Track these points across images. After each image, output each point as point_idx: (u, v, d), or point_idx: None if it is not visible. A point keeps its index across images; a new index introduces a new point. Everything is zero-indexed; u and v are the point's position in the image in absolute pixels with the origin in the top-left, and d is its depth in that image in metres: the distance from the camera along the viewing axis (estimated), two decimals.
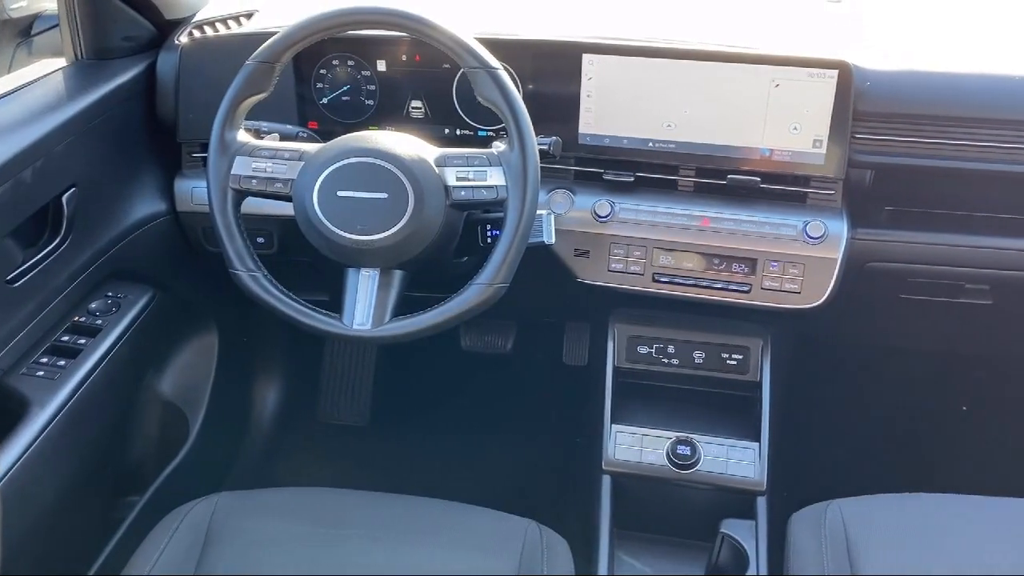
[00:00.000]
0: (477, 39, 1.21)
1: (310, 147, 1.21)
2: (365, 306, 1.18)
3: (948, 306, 1.46)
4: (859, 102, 1.29)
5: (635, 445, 1.43)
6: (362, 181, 1.16)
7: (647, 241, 1.37)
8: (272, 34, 1.21)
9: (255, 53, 1.21)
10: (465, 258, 1.36)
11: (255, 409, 1.99)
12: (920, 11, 1.56)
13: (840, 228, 1.33)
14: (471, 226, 1.32)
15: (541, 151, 1.22)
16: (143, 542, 1.14)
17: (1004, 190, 1.38)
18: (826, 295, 1.33)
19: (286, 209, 1.21)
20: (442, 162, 1.19)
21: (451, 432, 2.00)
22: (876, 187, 1.41)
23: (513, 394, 2.06)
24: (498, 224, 1.20)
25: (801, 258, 1.33)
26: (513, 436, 1.97)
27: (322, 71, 1.43)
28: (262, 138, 1.28)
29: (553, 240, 1.29)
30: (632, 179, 1.38)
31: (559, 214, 1.38)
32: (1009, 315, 1.47)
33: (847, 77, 1.27)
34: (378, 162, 1.16)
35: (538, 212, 1.26)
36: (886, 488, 1.22)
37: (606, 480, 1.43)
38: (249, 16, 1.54)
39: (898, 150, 1.32)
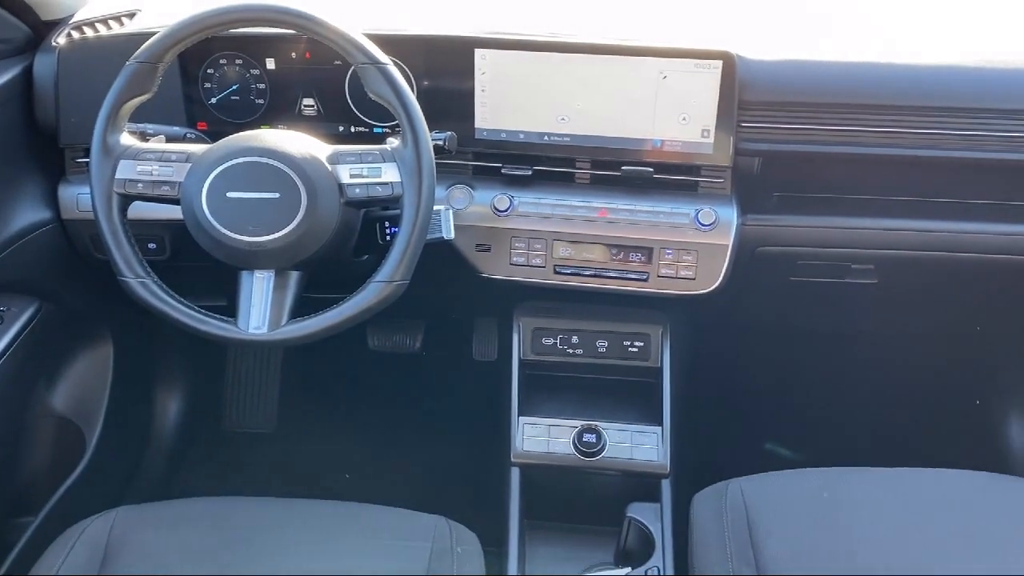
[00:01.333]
0: (367, 35, 1.20)
1: (198, 148, 1.19)
2: (260, 309, 1.16)
3: (836, 286, 1.52)
4: (743, 92, 1.33)
5: (542, 436, 1.45)
6: (252, 181, 1.14)
7: (547, 234, 1.39)
8: (154, 34, 1.18)
9: (136, 53, 1.17)
10: (365, 256, 1.34)
11: (156, 420, 1.93)
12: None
13: (730, 215, 1.36)
14: (369, 224, 1.31)
15: (436, 146, 1.23)
16: (37, 563, 1.10)
17: (885, 173, 1.44)
18: (719, 280, 1.37)
19: (176, 213, 1.18)
20: (335, 160, 1.17)
21: (361, 434, 1.98)
22: (764, 174, 1.46)
23: (423, 393, 2.05)
24: (396, 221, 1.19)
25: (694, 245, 1.36)
26: (424, 434, 1.97)
27: (209, 70, 1.39)
28: (148, 140, 1.25)
29: (452, 235, 1.29)
30: (530, 173, 1.40)
31: (458, 209, 1.38)
32: (893, 293, 1.54)
33: (731, 67, 1.31)
34: (268, 161, 1.14)
35: (436, 208, 1.26)
36: (785, 465, 1.26)
37: (515, 472, 1.44)
38: (131, 16, 1.49)
39: (783, 138, 1.36)
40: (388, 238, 1.31)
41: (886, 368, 1.88)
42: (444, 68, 1.37)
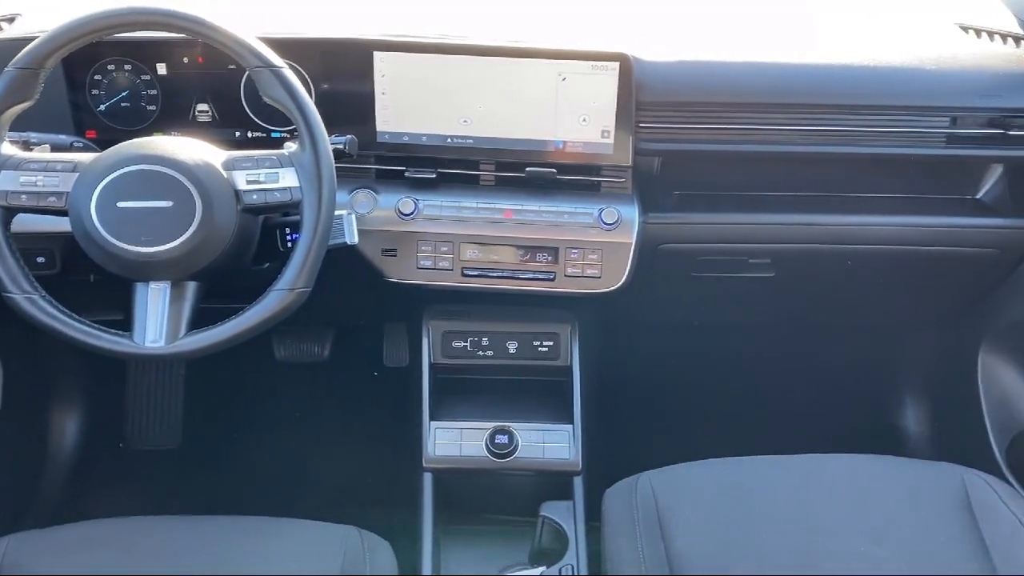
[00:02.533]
0: (263, 39, 1.18)
1: (85, 157, 1.14)
2: (157, 322, 1.12)
3: (735, 281, 1.56)
4: (641, 93, 1.35)
5: (455, 440, 1.44)
6: (144, 190, 1.10)
7: (453, 236, 1.38)
8: (35, 38, 1.13)
9: (15, 59, 1.12)
10: (266, 264, 1.31)
11: (53, 441, 1.85)
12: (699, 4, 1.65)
13: (632, 214, 1.39)
14: (269, 231, 1.29)
15: (336, 150, 1.21)
16: None
17: (780, 169, 1.49)
18: (624, 278, 1.39)
19: (65, 225, 1.14)
20: (230, 165, 1.15)
21: (270, 446, 1.94)
22: (664, 173, 1.49)
23: (333, 402, 2.02)
24: (297, 228, 1.17)
25: (599, 244, 1.38)
26: (335, 444, 1.94)
27: (97, 76, 1.34)
28: (31, 150, 1.20)
29: (356, 240, 1.27)
30: (434, 175, 1.39)
31: (362, 214, 1.36)
32: (788, 285, 1.59)
33: (627, 69, 1.33)
34: (160, 169, 1.11)
35: (338, 213, 1.24)
36: (694, 456, 1.29)
37: (427, 477, 1.43)
38: (11, 20, 1.43)
39: (680, 137, 1.39)
40: (289, 245, 1.28)
41: (789, 359, 1.94)
42: (342, 71, 1.36)
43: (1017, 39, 1.47)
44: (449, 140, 1.38)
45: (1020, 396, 1.55)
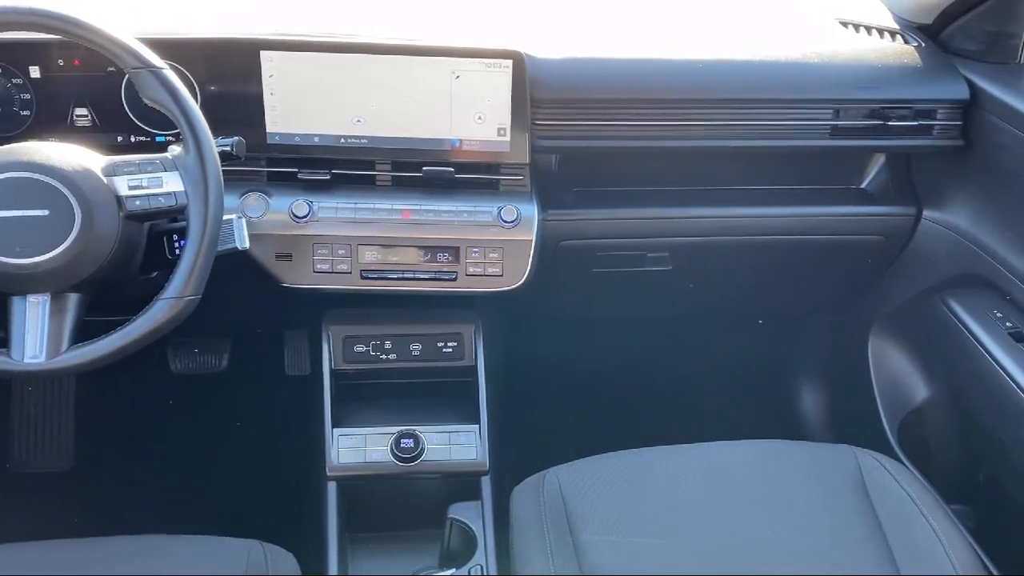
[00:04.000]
0: (144, 39, 1.13)
1: None
2: (36, 336, 1.06)
3: (635, 275, 1.58)
4: (535, 90, 1.35)
5: (359, 446, 1.41)
6: (18, 198, 1.04)
7: (350, 238, 1.36)
8: None
9: None
10: (155, 273, 1.26)
11: None
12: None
13: (532, 211, 1.38)
14: (156, 238, 1.23)
15: (224, 152, 1.17)
16: None
17: (676, 164, 1.52)
18: (526, 275, 1.38)
19: None
20: (111, 171, 1.10)
21: (168, 462, 1.87)
22: (562, 170, 1.50)
23: (234, 413, 1.96)
24: (185, 234, 1.13)
25: (499, 242, 1.37)
26: (237, 456, 1.88)
27: None
28: None
29: (247, 245, 1.24)
30: (328, 177, 1.36)
31: (253, 218, 1.32)
32: (686, 278, 1.61)
33: (521, 66, 1.33)
34: (34, 176, 1.05)
35: (227, 217, 1.21)
36: (602, 450, 1.29)
37: (331, 486, 1.40)
38: None
39: (576, 134, 1.40)
40: (178, 252, 1.23)
41: (691, 349, 1.97)
42: (229, 72, 1.32)
43: (894, 34, 1.53)
44: (342, 140, 1.35)
45: (908, 378, 1.62)
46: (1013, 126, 1.35)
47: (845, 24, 1.57)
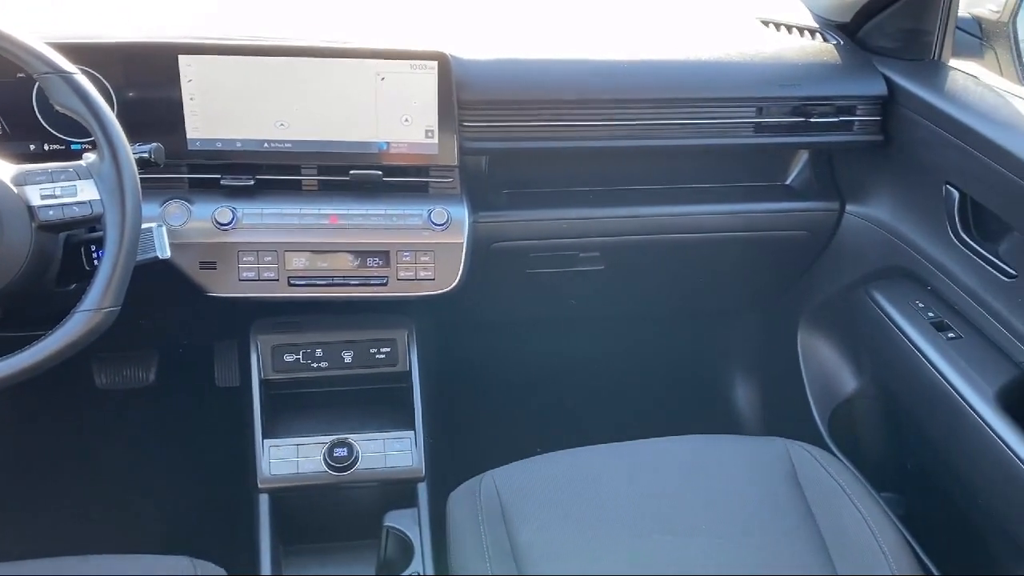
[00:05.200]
0: (56, 43, 1.09)
1: None
2: None
3: (568, 275, 1.58)
4: (462, 91, 1.34)
5: (290, 457, 1.38)
6: None
7: (277, 245, 1.33)
8: None
9: None
10: (72, 285, 1.22)
11: None
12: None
13: (462, 213, 1.38)
14: (73, 249, 1.19)
15: (141, 159, 1.14)
16: None
17: (605, 164, 1.52)
18: (458, 278, 1.37)
19: None
20: (21, 180, 1.06)
21: (94, 480, 1.81)
22: (492, 172, 1.49)
23: (163, 428, 1.91)
24: (104, 244, 1.09)
25: (430, 245, 1.36)
26: (166, 472, 1.83)
27: None
28: None
29: (168, 254, 1.20)
30: (252, 182, 1.33)
31: (175, 226, 1.29)
32: (618, 277, 1.62)
33: (446, 68, 1.32)
34: None
35: (147, 225, 1.17)
36: (541, 451, 1.29)
37: (263, 499, 1.37)
38: None
39: (504, 135, 1.40)
40: (96, 263, 1.19)
41: (626, 348, 1.99)
42: (146, 77, 1.28)
43: (813, 32, 1.56)
44: (266, 145, 1.33)
45: (837, 369, 1.65)
46: (929, 121, 1.39)
47: (766, 23, 1.59)
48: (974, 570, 1.36)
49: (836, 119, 1.46)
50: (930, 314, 1.38)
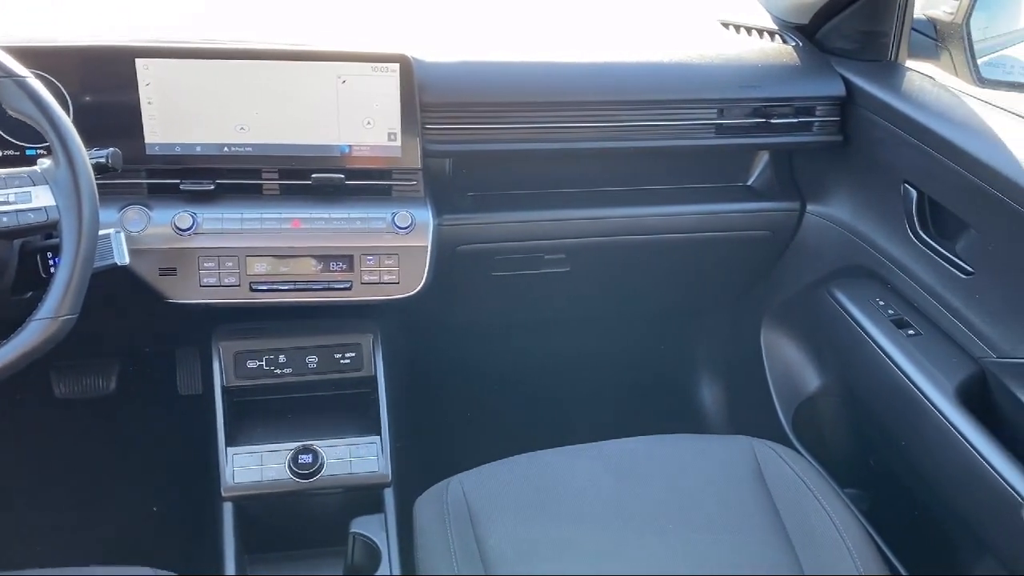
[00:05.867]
0: (9, 47, 1.08)
1: None
2: None
3: (533, 277, 1.58)
4: (424, 94, 1.34)
5: (254, 465, 1.37)
6: None
7: (238, 250, 1.31)
8: None
9: None
10: (28, 293, 1.20)
11: None
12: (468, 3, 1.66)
13: (426, 216, 1.37)
14: (29, 256, 1.17)
15: (98, 164, 1.12)
16: None
17: (570, 166, 1.52)
18: (423, 282, 1.37)
19: None
20: None
21: (56, 492, 1.78)
22: (457, 174, 1.49)
23: (125, 437, 1.88)
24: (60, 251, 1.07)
25: (394, 249, 1.35)
26: (128, 482, 1.80)
27: None
28: None
29: (127, 260, 1.18)
30: (212, 187, 1.32)
31: (134, 232, 1.27)
32: (584, 278, 1.63)
33: (408, 70, 1.31)
34: None
35: (105, 232, 1.15)
36: (508, 455, 1.29)
37: (227, 507, 1.35)
38: None
39: (468, 138, 1.39)
40: (53, 270, 1.17)
41: (593, 349, 1.99)
42: (103, 81, 1.26)
43: (772, 34, 1.58)
44: (226, 149, 1.31)
45: (800, 368, 1.66)
46: (887, 121, 1.40)
47: (726, 25, 1.60)
48: (936, 564, 1.38)
49: (796, 120, 1.48)
50: (890, 312, 1.39)
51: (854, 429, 1.58)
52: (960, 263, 1.30)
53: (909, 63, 1.50)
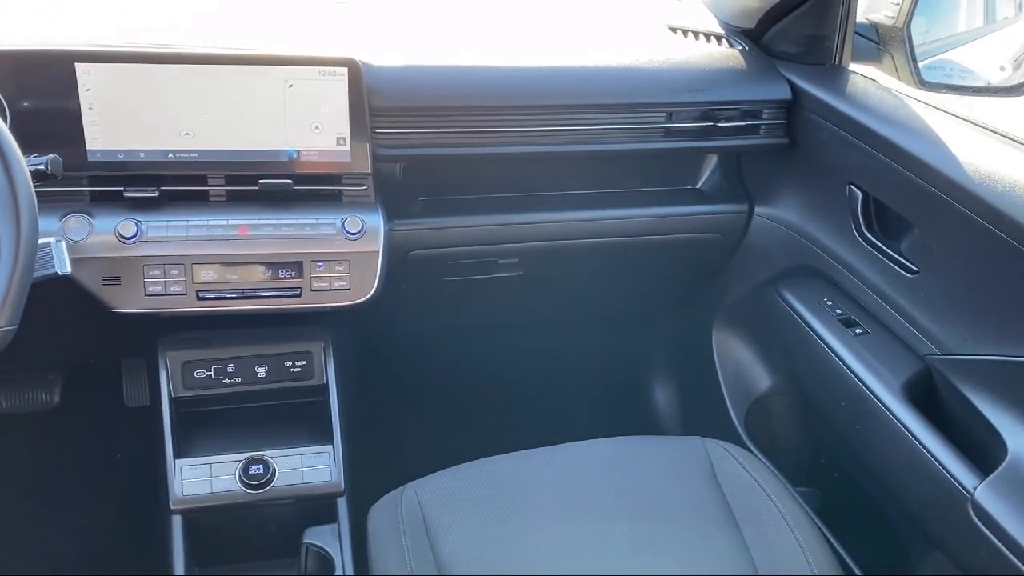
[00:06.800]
0: None
1: None
2: None
3: (487, 282, 1.57)
4: (373, 98, 1.33)
5: (204, 476, 1.34)
6: None
7: (184, 258, 1.29)
8: None
9: None
10: None
11: None
12: (418, 8, 1.65)
13: (377, 222, 1.36)
14: None
15: (37, 172, 1.09)
16: None
17: (522, 170, 1.52)
18: (374, 288, 1.35)
19: None
20: None
21: (0, 510, 1.73)
22: (408, 179, 1.48)
23: (70, 451, 1.83)
24: None
25: (345, 255, 1.34)
26: (75, 497, 1.75)
27: None
28: None
29: (68, 270, 1.15)
30: (157, 194, 1.29)
31: (76, 241, 1.24)
32: (537, 282, 1.63)
33: (357, 74, 1.30)
34: None
35: (45, 240, 1.12)
36: (464, 460, 1.28)
37: (176, 520, 1.32)
38: None
39: (418, 142, 1.39)
40: None
41: (548, 353, 1.99)
42: (42, 87, 1.23)
43: (720, 38, 1.60)
44: (171, 155, 1.29)
45: (751, 368, 1.68)
46: (831, 123, 1.43)
47: (674, 30, 1.62)
48: (887, 559, 1.40)
49: (743, 123, 1.49)
50: (838, 311, 1.41)
51: (805, 428, 1.60)
52: (905, 262, 1.32)
53: (853, 66, 1.53)
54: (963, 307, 1.22)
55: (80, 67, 1.22)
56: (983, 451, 1.14)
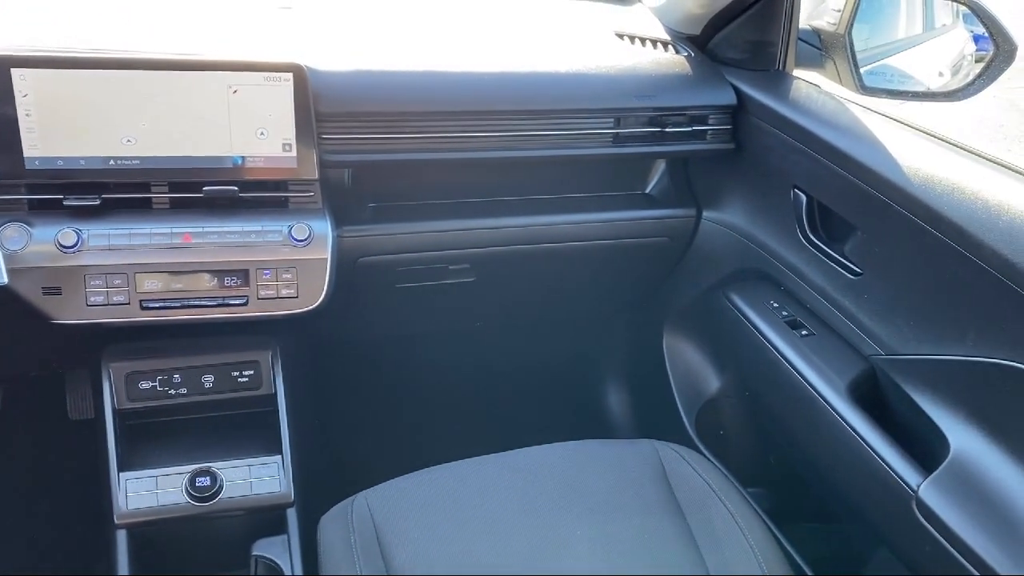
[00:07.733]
0: None
1: None
2: None
3: (438, 288, 1.56)
4: (319, 104, 1.32)
5: (150, 489, 1.31)
6: None
7: (127, 267, 1.26)
8: None
9: None
10: None
11: None
12: (365, 14, 1.64)
13: (325, 228, 1.34)
14: None
15: None
16: None
17: (473, 175, 1.52)
18: (323, 296, 1.34)
19: None
20: None
21: None
22: (356, 185, 1.46)
23: (11, 465, 1.78)
24: None
25: (292, 262, 1.32)
26: (16, 514, 1.71)
27: None
28: None
29: (6, 281, 1.13)
30: (98, 202, 1.26)
31: (13, 251, 1.21)
32: (489, 287, 1.62)
33: (303, 79, 1.29)
34: None
35: None
36: (418, 467, 1.27)
37: (121, 535, 1.29)
38: None
39: (365, 148, 1.37)
40: None
41: (501, 359, 1.99)
42: None
43: (666, 44, 1.61)
44: (112, 162, 1.26)
45: (701, 370, 1.70)
46: (776, 128, 1.45)
47: (621, 36, 1.63)
48: (835, 557, 1.42)
49: (690, 128, 1.51)
50: (784, 313, 1.43)
51: (754, 429, 1.62)
52: (849, 264, 1.34)
53: (796, 72, 1.55)
54: (905, 308, 1.25)
55: (16, 72, 1.19)
56: (927, 449, 1.16)
